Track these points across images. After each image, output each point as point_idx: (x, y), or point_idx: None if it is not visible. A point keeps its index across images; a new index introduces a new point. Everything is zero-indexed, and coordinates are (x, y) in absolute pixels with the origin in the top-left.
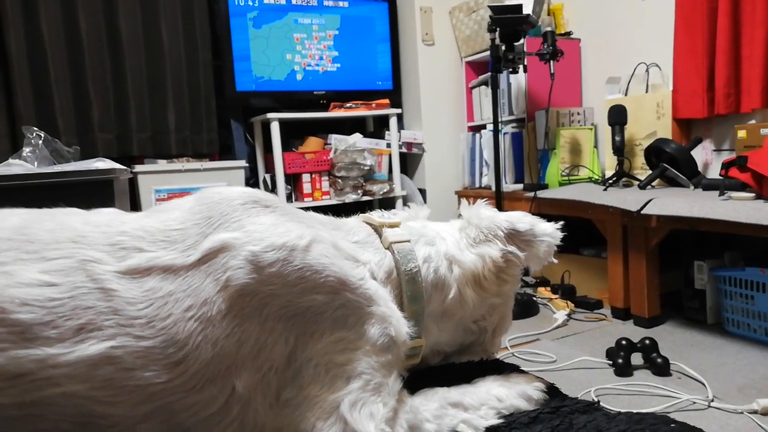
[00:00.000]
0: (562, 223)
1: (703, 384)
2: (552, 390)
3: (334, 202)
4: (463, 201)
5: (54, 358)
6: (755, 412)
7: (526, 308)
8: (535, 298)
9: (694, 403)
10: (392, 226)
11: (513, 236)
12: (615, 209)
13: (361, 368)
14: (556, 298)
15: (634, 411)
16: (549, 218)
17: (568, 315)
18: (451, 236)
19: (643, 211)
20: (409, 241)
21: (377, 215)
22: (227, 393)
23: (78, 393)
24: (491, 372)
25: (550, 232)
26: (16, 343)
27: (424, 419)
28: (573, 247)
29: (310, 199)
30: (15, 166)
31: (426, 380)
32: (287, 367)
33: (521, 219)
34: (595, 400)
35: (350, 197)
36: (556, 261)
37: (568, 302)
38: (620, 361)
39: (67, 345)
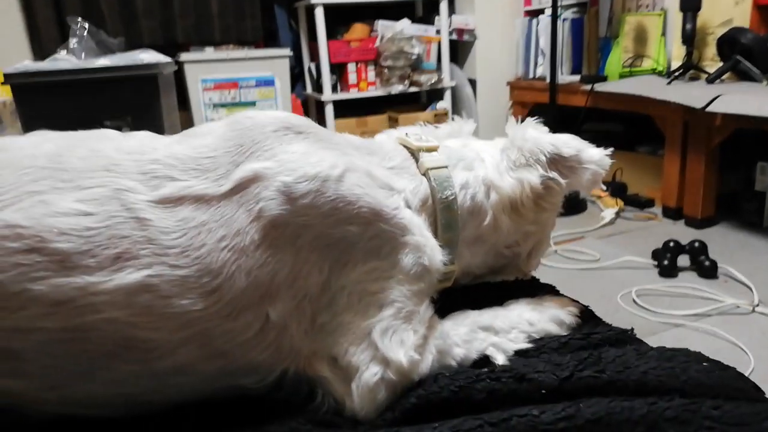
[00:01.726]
0: (611, 150)
1: (750, 288)
2: (586, 314)
3: (380, 93)
4: (511, 119)
5: (94, 286)
6: None
7: (573, 205)
8: (583, 195)
9: (738, 307)
10: (430, 150)
11: (556, 161)
12: (678, 105)
13: (393, 296)
14: (605, 196)
15: (668, 347)
16: (606, 113)
17: (617, 213)
18: (492, 158)
19: (708, 109)
20: (446, 167)
21: (415, 138)
22: (262, 320)
23: (119, 319)
24: (526, 293)
25: (597, 159)
26: (57, 272)
27: (453, 344)
28: (628, 143)
29: (356, 89)
30: (61, 61)
31: (460, 301)
32: (322, 295)
33: (568, 143)
34: (635, 300)
35: (396, 88)
36: (604, 188)
37: (618, 200)
38: (666, 262)
39: (106, 273)
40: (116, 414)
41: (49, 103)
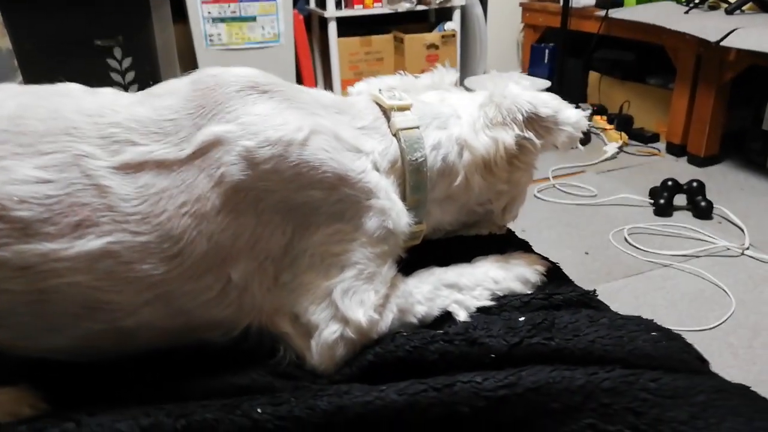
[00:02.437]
0: (589, 112)
1: (743, 231)
2: (554, 272)
3: (386, 10)
4: (493, 71)
5: (55, 252)
6: None
7: None
8: (587, 127)
9: (728, 249)
10: (402, 108)
11: (533, 121)
12: (692, 37)
13: (355, 258)
14: (610, 129)
15: (621, 314)
16: (618, 41)
17: (620, 148)
18: (469, 115)
19: (722, 43)
20: (418, 127)
21: (388, 95)
22: (223, 281)
23: (82, 283)
24: (497, 249)
25: (573, 121)
26: (19, 239)
27: (415, 302)
28: (639, 74)
29: (361, 6)
30: None
31: (431, 256)
32: (284, 256)
33: (546, 102)
34: (627, 239)
35: (404, 5)
36: (582, 148)
37: (622, 134)
38: (662, 201)
39: (66, 240)
40: (86, 360)
41: (37, 20)
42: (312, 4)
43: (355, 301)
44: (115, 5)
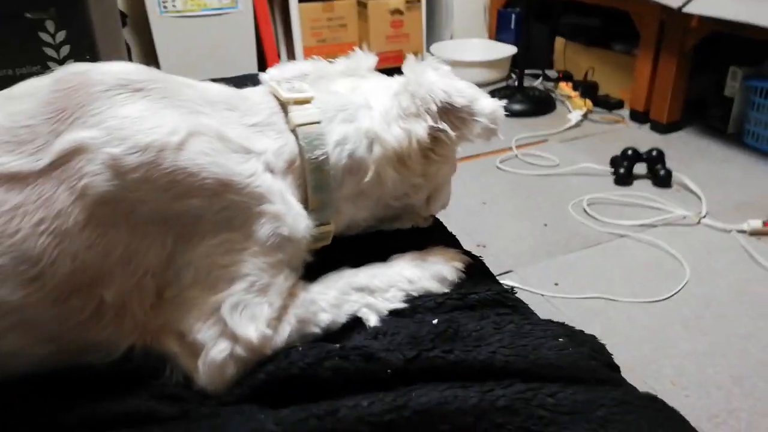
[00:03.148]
0: (505, 102)
1: (700, 199)
2: (476, 267)
3: None
4: (410, 56)
5: None
6: (743, 232)
7: (541, 104)
8: (553, 94)
9: (685, 218)
10: (302, 102)
11: (448, 111)
12: (655, 3)
13: (246, 269)
14: (575, 96)
15: (530, 318)
16: (584, 7)
17: (584, 115)
18: (382, 105)
19: (685, 9)
20: (319, 122)
21: (286, 87)
22: (95, 302)
23: None
24: (416, 244)
25: (488, 111)
26: None
27: (319, 310)
28: (604, 40)
29: None
30: None
31: (347, 254)
32: (167, 269)
33: (461, 92)
34: (585, 209)
35: None
36: (502, 137)
37: (587, 101)
38: (622, 170)
39: None
40: None
41: None
42: None
43: (246, 316)
44: None
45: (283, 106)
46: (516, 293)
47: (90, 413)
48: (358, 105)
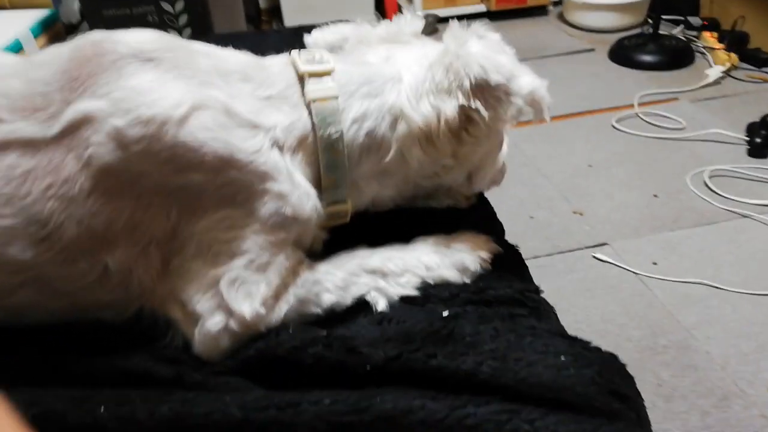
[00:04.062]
0: (546, 82)
1: None
2: (505, 259)
3: None
4: (453, 22)
5: None
6: None
7: (676, 56)
8: (694, 45)
9: None
10: (320, 74)
11: (482, 88)
12: None
13: (246, 246)
14: (719, 49)
15: (539, 326)
16: None
17: (726, 71)
18: (414, 77)
19: None
20: (336, 97)
21: (306, 57)
22: (101, 267)
23: None
24: (447, 227)
25: (525, 92)
26: None
27: (322, 290)
28: None
29: None
30: None
31: (372, 232)
32: (172, 240)
33: (500, 67)
34: (706, 182)
35: None
36: (548, 120)
37: (732, 55)
38: (758, 140)
39: None
40: None
41: None
42: None
43: (242, 292)
44: None
45: (302, 78)
46: (542, 293)
47: (96, 365)
48: (386, 77)
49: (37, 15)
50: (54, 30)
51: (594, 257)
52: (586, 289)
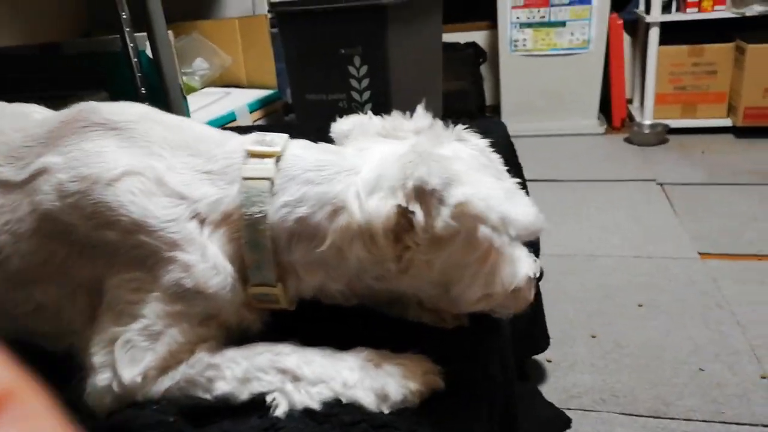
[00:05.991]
0: (522, 208)
1: None
2: (445, 396)
3: (728, 14)
4: (436, 122)
5: None
6: None
7: None
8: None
9: None
10: (264, 155)
11: (422, 192)
12: None
13: (146, 311)
14: None
15: None
16: None
17: None
18: (373, 172)
19: None
20: (269, 178)
21: (256, 140)
22: (36, 299)
23: None
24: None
25: (453, 202)
26: None
27: (218, 377)
28: None
29: (695, 9)
30: None
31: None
32: (96, 289)
33: (446, 172)
34: None
35: (754, 9)
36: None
37: None
38: None
39: None
40: None
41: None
42: (641, 7)
43: (129, 357)
44: (357, 18)
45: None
46: None
47: None
48: (342, 168)
49: (260, 94)
50: (272, 107)
51: None
52: None
